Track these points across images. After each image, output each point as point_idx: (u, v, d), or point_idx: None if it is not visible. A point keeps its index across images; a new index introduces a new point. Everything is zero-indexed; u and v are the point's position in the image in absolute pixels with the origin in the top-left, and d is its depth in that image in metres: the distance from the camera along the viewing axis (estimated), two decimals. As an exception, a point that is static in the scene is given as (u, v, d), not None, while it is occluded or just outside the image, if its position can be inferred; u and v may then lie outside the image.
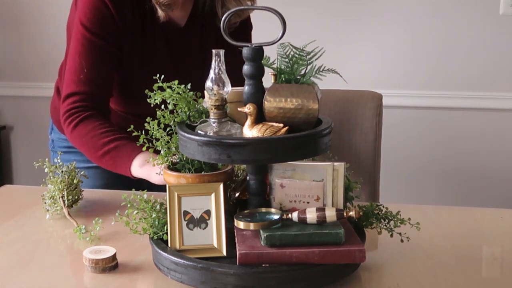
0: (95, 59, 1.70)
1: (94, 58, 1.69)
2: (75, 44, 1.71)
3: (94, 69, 1.69)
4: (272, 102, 1.17)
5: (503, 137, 2.90)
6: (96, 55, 1.70)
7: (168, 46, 1.80)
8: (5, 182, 3.00)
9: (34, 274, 1.26)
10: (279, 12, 1.15)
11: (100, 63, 1.70)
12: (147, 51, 1.77)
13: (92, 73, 1.69)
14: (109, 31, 1.70)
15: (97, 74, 1.70)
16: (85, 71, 1.68)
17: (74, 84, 1.70)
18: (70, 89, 1.71)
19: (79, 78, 1.69)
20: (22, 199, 1.73)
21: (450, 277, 1.22)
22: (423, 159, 2.99)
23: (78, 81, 1.69)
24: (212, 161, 1.15)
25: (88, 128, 1.66)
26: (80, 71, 1.69)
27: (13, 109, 3.35)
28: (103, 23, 1.69)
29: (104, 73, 1.72)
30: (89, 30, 1.68)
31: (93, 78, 1.69)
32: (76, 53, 1.70)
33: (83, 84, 1.69)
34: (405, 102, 2.92)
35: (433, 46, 2.87)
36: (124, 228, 1.27)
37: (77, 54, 1.70)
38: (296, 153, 1.14)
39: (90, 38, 1.68)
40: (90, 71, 1.69)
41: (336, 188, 1.22)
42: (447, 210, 1.65)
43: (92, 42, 1.69)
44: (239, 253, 1.12)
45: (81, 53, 1.69)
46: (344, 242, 1.13)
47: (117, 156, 1.61)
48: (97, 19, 1.68)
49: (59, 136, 1.97)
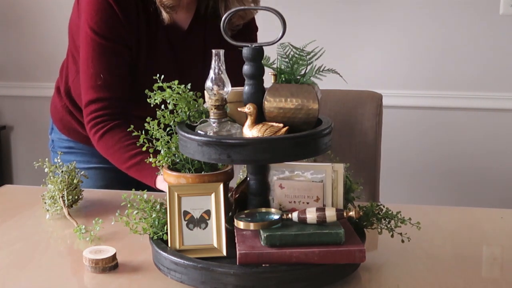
0: (109, 62, 1.68)
1: (107, 62, 1.68)
2: (86, 49, 1.69)
3: (109, 73, 1.68)
4: (272, 102, 1.17)
5: (503, 137, 2.90)
6: (109, 58, 1.68)
7: (171, 49, 1.79)
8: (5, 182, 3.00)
9: (34, 274, 1.26)
10: (279, 12, 1.15)
11: (114, 66, 1.69)
12: (151, 54, 1.76)
13: (109, 77, 1.68)
14: (117, 32, 1.68)
15: (114, 77, 1.69)
16: (101, 76, 1.67)
17: (93, 90, 1.69)
18: (90, 96, 1.69)
19: (96, 84, 1.68)
20: (22, 199, 1.73)
21: (450, 277, 1.22)
22: (423, 159, 2.99)
23: (96, 87, 1.68)
24: (212, 161, 1.15)
25: (114, 140, 1.67)
26: (96, 76, 1.68)
27: (13, 109, 3.35)
28: (111, 25, 1.67)
29: (120, 75, 1.71)
30: (98, 34, 1.67)
31: (110, 83, 1.69)
32: (88, 58, 1.68)
33: (102, 90, 1.68)
34: (405, 102, 2.92)
35: (433, 46, 2.87)
36: (124, 228, 1.27)
37: (89, 59, 1.68)
38: (296, 153, 1.14)
39: (100, 41, 1.67)
40: (107, 76, 1.68)
41: (335, 189, 1.22)
42: (447, 210, 1.65)
43: (103, 45, 1.67)
44: (239, 253, 1.12)
45: (93, 58, 1.68)
46: (344, 242, 1.13)
47: (143, 170, 1.62)
48: (104, 21, 1.67)
49: (59, 136, 1.97)
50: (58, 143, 1.98)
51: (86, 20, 1.68)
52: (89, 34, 1.68)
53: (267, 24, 1.70)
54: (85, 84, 1.70)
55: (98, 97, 1.68)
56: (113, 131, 1.68)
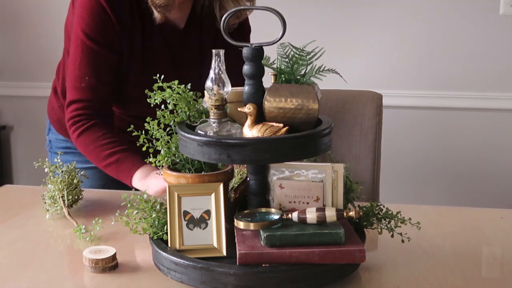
0: (96, 67, 1.71)
1: (94, 66, 1.71)
2: (76, 50, 1.71)
3: (95, 76, 1.71)
4: (272, 102, 1.17)
5: (503, 137, 2.90)
6: (97, 63, 1.71)
7: (167, 48, 1.79)
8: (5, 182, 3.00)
9: (34, 274, 1.26)
10: (279, 12, 1.15)
11: (100, 71, 1.72)
12: (147, 53, 1.77)
13: (93, 81, 1.71)
14: (109, 37, 1.70)
15: (98, 81, 1.72)
16: (86, 79, 1.71)
17: (77, 91, 1.72)
18: (73, 96, 1.73)
19: (81, 86, 1.72)
20: (22, 199, 1.73)
21: (450, 277, 1.22)
22: (423, 159, 2.99)
23: (81, 89, 1.72)
24: (212, 161, 1.15)
25: (92, 138, 1.70)
26: (82, 78, 1.71)
27: (13, 109, 3.35)
28: (103, 29, 1.69)
29: (105, 80, 1.73)
30: (89, 37, 1.69)
31: (94, 86, 1.72)
32: (76, 60, 1.71)
33: (85, 92, 1.72)
34: (405, 102, 2.92)
35: (433, 46, 2.87)
36: (124, 228, 1.27)
37: (77, 61, 1.71)
38: (296, 153, 1.14)
39: (90, 45, 1.69)
40: (92, 78, 1.71)
41: (335, 189, 1.22)
42: (447, 210, 1.65)
43: (93, 49, 1.70)
44: (239, 253, 1.12)
45: (82, 60, 1.70)
46: (344, 242, 1.13)
47: (119, 169, 1.66)
48: (96, 25, 1.68)
49: (56, 136, 1.97)
50: (55, 144, 1.98)
51: (78, 22, 1.70)
52: (80, 36, 1.70)
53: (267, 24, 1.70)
54: (70, 84, 1.74)
55: (80, 98, 1.72)
56: (91, 129, 1.71)
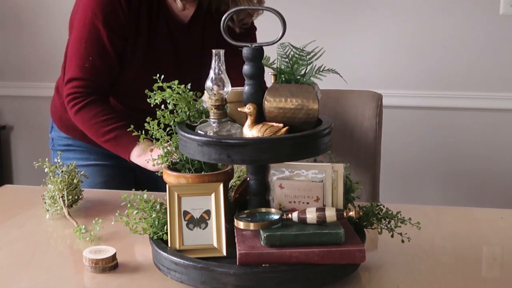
0: (102, 49, 1.73)
1: (101, 48, 1.73)
2: (83, 30, 1.73)
3: (99, 58, 1.73)
4: (272, 102, 1.17)
5: (503, 137, 2.90)
6: (103, 46, 1.73)
7: (172, 40, 1.81)
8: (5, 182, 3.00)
9: (34, 274, 1.26)
10: (279, 12, 1.15)
11: (105, 53, 1.73)
12: (150, 44, 1.78)
13: (97, 61, 1.73)
14: (117, 21, 1.72)
15: (102, 63, 1.74)
16: (90, 59, 1.73)
17: (79, 69, 1.74)
18: (75, 74, 1.75)
19: (84, 65, 1.73)
20: (22, 199, 1.73)
21: (450, 277, 1.22)
22: (423, 159, 2.99)
23: (83, 68, 1.74)
24: (212, 161, 1.15)
25: (91, 114, 1.73)
26: (85, 58, 1.73)
27: (13, 109, 3.35)
28: (112, 13, 1.71)
29: (108, 62, 1.75)
30: (97, 18, 1.70)
31: (97, 67, 1.74)
32: (82, 38, 1.73)
33: (87, 71, 1.74)
34: (405, 102, 2.92)
35: (433, 46, 2.87)
36: (124, 228, 1.27)
37: (83, 40, 1.73)
38: (296, 153, 1.14)
39: (97, 26, 1.71)
40: (95, 59, 1.73)
41: (335, 189, 1.22)
42: (447, 210, 1.65)
43: (100, 31, 1.71)
44: (239, 253, 1.12)
45: (88, 40, 1.72)
46: (344, 242, 1.13)
47: (117, 145, 1.70)
48: (106, 7, 1.70)
49: (58, 134, 1.98)
50: (57, 141, 1.99)
51: (89, 3, 1.71)
52: (89, 16, 1.71)
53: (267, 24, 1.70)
54: (73, 61, 1.76)
55: (82, 77, 1.74)
56: (90, 105, 1.74)
